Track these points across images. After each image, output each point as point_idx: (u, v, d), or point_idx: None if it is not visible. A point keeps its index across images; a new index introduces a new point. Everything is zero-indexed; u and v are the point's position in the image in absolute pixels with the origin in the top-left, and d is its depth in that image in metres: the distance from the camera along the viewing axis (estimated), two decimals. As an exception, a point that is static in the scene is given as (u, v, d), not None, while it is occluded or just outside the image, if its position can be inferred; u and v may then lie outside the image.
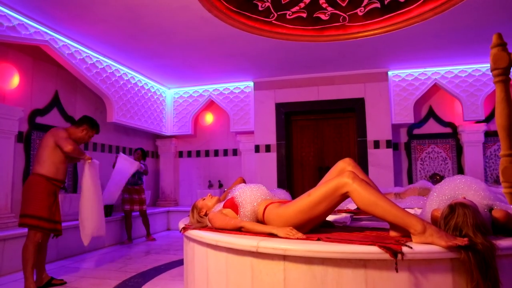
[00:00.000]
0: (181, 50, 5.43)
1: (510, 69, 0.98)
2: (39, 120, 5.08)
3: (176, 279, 3.65)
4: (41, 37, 4.45)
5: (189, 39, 5.03)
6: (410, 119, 6.40)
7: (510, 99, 1.01)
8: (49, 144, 3.42)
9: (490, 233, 1.87)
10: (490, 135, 6.37)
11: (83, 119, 3.75)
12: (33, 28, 4.34)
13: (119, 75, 6.02)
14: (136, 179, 5.94)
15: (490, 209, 2.03)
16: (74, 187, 5.62)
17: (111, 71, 5.81)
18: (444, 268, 1.70)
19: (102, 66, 5.60)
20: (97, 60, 5.47)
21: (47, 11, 4.14)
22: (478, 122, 6.31)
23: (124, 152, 6.92)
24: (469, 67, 6.25)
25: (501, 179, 0.94)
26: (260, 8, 4.54)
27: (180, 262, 4.26)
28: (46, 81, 5.25)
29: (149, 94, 6.95)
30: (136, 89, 6.52)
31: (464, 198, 1.99)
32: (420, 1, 4.33)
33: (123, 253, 4.99)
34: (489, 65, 1.06)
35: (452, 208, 1.85)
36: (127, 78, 6.25)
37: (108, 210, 5.55)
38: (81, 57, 5.15)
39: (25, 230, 4.25)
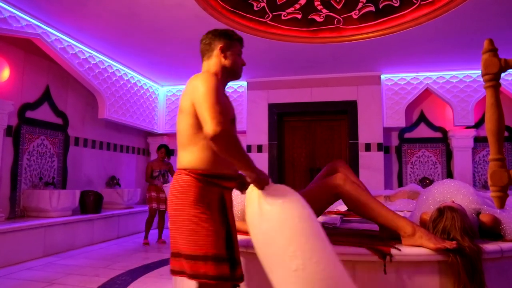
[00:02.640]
0: (175, 47, 5.41)
1: (500, 74, 0.99)
2: (29, 114, 5.01)
3: (164, 277, 3.63)
4: (33, 30, 4.40)
5: (183, 37, 5.00)
6: (401, 122, 6.45)
7: (500, 104, 1.02)
8: (187, 109, 1.68)
9: (477, 237, 1.90)
10: (479, 141, 6.44)
11: (211, 34, 1.85)
12: (25, 21, 4.29)
13: (112, 71, 5.97)
14: (166, 178, 5.81)
15: (478, 213, 2.06)
16: (63, 182, 5.56)
17: (104, 67, 5.76)
18: (432, 270, 1.72)
19: (95, 62, 5.55)
20: (89, 56, 5.42)
21: (39, 4, 4.09)
22: (468, 127, 6.38)
23: (115, 150, 6.87)
24: (460, 73, 6.31)
25: (489, 183, 0.94)
26: (255, 8, 4.54)
27: (168, 261, 4.24)
28: (37, 75, 5.19)
29: (142, 91, 6.91)
30: (129, 85, 6.47)
31: (453, 202, 2.01)
32: (414, 6, 4.36)
33: (111, 251, 4.95)
34: (480, 71, 1.07)
35: (441, 211, 1.87)
36: (120, 75, 6.20)
37: (97, 206, 5.51)
38: (74, 52, 5.09)
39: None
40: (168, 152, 5.86)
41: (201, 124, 1.55)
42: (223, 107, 1.54)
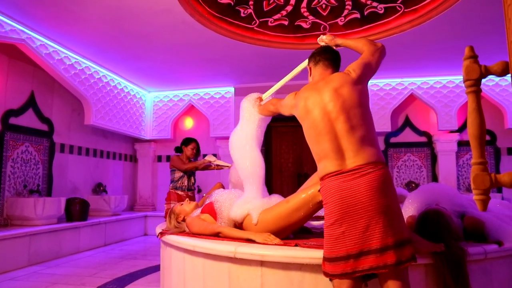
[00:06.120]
0: (162, 53, 5.40)
1: (481, 80, 1.02)
2: (13, 121, 4.93)
3: (152, 285, 3.59)
4: (17, 36, 4.34)
5: (171, 43, 5.00)
6: (387, 127, 6.54)
7: (481, 109, 1.04)
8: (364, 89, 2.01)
9: (461, 239, 1.93)
10: (463, 145, 6.56)
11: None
12: (9, 26, 4.23)
13: (98, 77, 5.92)
14: (192, 182, 4.43)
15: (462, 216, 2.10)
16: (49, 190, 5.47)
17: (90, 72, 5.71)
18: (418, 273, 1.74)
19: (81, 67, 5.49)
20: (75, 61, 5.37)
21: (24, 9, 4.04)
22: (452, 132, 6.50)
23: (102, 156, 6.79)
24: (444, 79, 6.44)
25: (472, 186, 0.97)
26: (242, 15, 4.57)
27: (156, 268, 4.19)
28: (22, 81, 5.11)
29: (129, 97, 6.86)
30: (116, 91, 6.42)
31: (438, 205, 2.05)
32: (398, 14, 4.44)
33: (98, 259, 4.88)
34: (461, 77, 1.10)
35: (427, 215, 1.90)
36: (107, 80, 6.15)
37: (83, 214, 5.43)
38: (59, 58, 5.04)
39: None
40: (199, 149, 4.48)
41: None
42: None
